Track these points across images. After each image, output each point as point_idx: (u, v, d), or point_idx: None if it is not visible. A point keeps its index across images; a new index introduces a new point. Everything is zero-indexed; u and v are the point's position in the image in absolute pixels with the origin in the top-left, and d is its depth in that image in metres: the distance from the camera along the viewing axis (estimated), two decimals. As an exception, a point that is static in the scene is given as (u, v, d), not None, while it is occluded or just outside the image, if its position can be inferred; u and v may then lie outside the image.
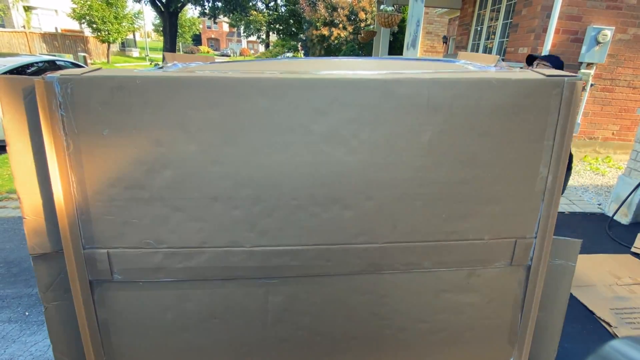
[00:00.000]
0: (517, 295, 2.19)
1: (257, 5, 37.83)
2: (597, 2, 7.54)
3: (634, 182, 5.35)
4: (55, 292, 1.87)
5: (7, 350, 2.83)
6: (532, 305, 2.18)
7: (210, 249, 1.87)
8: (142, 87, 1.60)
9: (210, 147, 1.71)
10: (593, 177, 7.43)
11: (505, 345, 2.31)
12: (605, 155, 8.61)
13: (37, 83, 1.54)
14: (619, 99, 8.24)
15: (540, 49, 7.71)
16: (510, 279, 2.15)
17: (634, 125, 8.32)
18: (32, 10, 33.46)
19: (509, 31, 8.94)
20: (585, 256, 4.41)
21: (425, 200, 1.90)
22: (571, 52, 7.79)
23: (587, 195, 6.48)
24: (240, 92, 1.65)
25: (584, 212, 5.78)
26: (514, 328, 2.26)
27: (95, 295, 1.89)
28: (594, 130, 8.44)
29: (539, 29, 7.65)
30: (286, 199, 1.83)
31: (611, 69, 8.00)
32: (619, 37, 7.77)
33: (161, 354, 2.05)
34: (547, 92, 1.80)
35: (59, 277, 1.85)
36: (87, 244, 1.79)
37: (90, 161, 1.67)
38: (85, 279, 1.83)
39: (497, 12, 9.77)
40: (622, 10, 7.60)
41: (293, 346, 2.12)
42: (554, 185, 1.94)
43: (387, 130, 1.77)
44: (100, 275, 1.85)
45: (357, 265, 1.99)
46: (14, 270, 3.88)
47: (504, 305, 2.21)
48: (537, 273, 2.11)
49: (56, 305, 1.90)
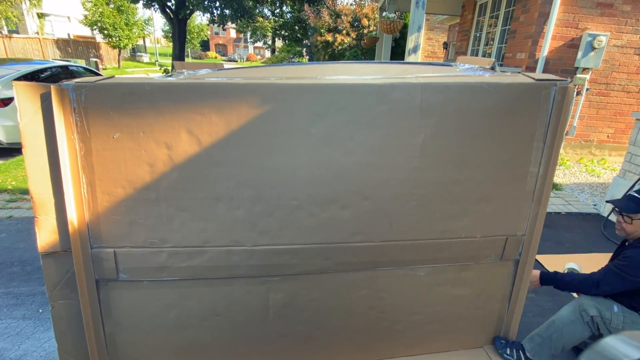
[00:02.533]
0: (505, 286, 2.24)
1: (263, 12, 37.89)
2: (592, 9, 7.53)
3: (629, 183, 5.34)
4: (62, 290, 1.89)
5: (21, 346, 2.85)
6: (519, 296, 2.23)
7: (212, 248, 1.89)
8: (151, 94, 1.63)
9: (213, 150, 1.73)
10: (589, 178, 7.41)
11: (493, 332, 2.36)
12: (601, 157, 8.58)
13: (54, 89, 1.58)
14: (613, 103, 8.22)
15: (538, 55, 7.71)
16: (500, 273, 2.19)
17: (628, 128, 8.29)
18: (46, 17, 33.55)
19: (507, 37, 8.92)
20: (582, 255, 4.42)
21: (420, 200, 1.93)
22: (567, 57, 7.77)
23: (583, 196, 6.46)
24: (242, 97, 1.68)
25: (580, 213, 5.76)
26: (502, 317, 2.31)
27: (101, 294, 1.92)
28: (589, 133, 8.42)
29: (537, 35, 7.64)
30: (286, 199, 1.85)
31: (606, 73, 7.98)
32: (613, 43, 7.76)
33: (165, 351, 2.07)
34: (537, 95, 1.82)
35: (67, 276, 1.87)
36: (94, 244, 1.82)
37: (100, 163, 1.70)
38: (91, 277, 1.86)
39: (495, 18, 9.75)
40: (617, 17, 7.59)
41: (294, 340, 2.15)
42: (543, 185, 1.97)
43: (383, 133, 1.80)
44: (106, 275, 1.88)
45: (354, 262, 2.01)
46: (28, 268, 3.90)
47: (493, 297, 2.26)
48: (525, 266, 2.16)
49: (63, 304, 1.91)
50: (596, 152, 8.60)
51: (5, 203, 5.54)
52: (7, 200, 5.61)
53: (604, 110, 8.27)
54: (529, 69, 7.78)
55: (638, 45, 7.83)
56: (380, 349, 2.27)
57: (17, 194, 5.87)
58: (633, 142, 5.42)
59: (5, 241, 4.49)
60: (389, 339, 2.24)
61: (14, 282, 3.65)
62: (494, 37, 9.77)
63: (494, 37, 9.77)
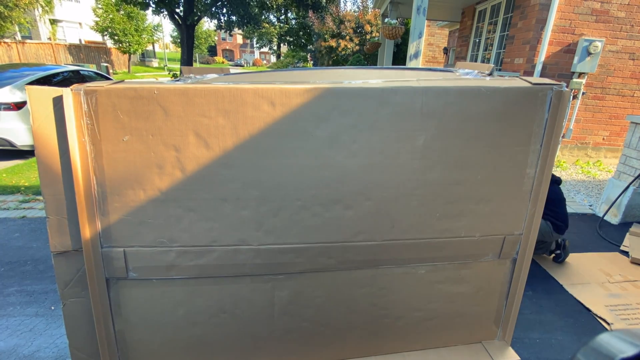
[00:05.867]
0: (503, 284, 2.24)
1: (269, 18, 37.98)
2: (588, 16, 7.53)
3: (623, 185, 5.34)
4: (73, 289, 1.89)
5: (34, 343, 2.87)
6: (517, 292, 2.23)
7: (220, 247, 1.89)
8: (160, 97, 1.63)
9: (220, 152, 1.74)
10: (585, 179, 7.40)
11: (491, 328, 2.36)
12: (596, 159, 8.57)
13: (66, 93, 1.58)
14: (609, 107, 8.22)
15: (536, 60, 7.71)
16: (497, 271, 2.19)
17: (623, 131, 8.28)
18: (58, 23, 33.63)
19: (505, 43, 8.92)
20: (578, 254, 4.42)
21: (420, 200, 1.93)
22: (564, 62, 7.78)
23: (579, 197, 6.45)
24: (248, 100, 1.68)
25: (576, 213, 5.75)
26: (500, 313, 2.31)
27: (111, 292, 1.92)
28: (585, 135, 8.41)
29: (534, 41, 7.64)
30: (291, 199, 1.85)
31: (602, 78, 7.98)
32: (609, 49, 7.75)
33: (173, 347, 2.07)
34: (534, 99, 1.82)
35: (78, 275, 1.87)
36: (105, 243, 1.82)
37: (110, 165, 1.70)
38: (102, 276, 1.86)
39: (494, 24, 9.75)
40: (612, 24, 7.59)
41: (298, 336, 2.15)
42: (539, 186, 1.97)
43: (384, 136, 1.80)
44: (116, 273, 1.88)
45: (357, 261, 2.02)
46: (41, 267, 3.91)
47: (491, 294, 2.26)
48: (522, 264, 2.16)
49: (74, 302, 1.92)
50: (592, 154, 8.60)
51: (19, 204, 5.56)
52: (20, 201, 5.64)
53: (600, 114, 8.29)
54: (526, 74, 7.78)
55: (632, 51, 7.83)
56: (383, 344, 2.27)
57: (30, 195, 5.90)
58: (628, 144, 5.41)
59: (18, 240, 4.51)
60: (391, 335, 2.25)
61: (27, 280, 3.67)
62: (492, 42, 9.77)
63: (492, 42, 9.77)
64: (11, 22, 22.39)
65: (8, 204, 5.54)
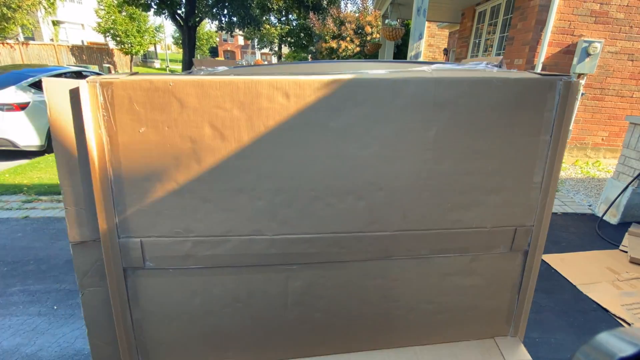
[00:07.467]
0: (515, 277, 2.23)
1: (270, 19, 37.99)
2: (587, 17, 7.56)
3: (622, 185, 5.35)
4: (91, 278, 1.90)
5: (36, 342, 2.87)
6: (529, 286, 2.22)
7: (235, 237, 1.90)
8: (175, 89, 1.64)
9: (235, 143, 1.74)
10: (584, 180, 7.42)
11: (503, 323, 2.35)
12: (595, 159, 8.59)
13: (82, 85, 1.59)
14: (608, 107, 8.25)
15: (535, 61, 7.73)
16: (509, 263, 2.19)
17: (622, 131, 8.31)
18: (60, 24, 33.62)
19: (505, 44, 8.94)
20: (580, 253, 4.43)
21: (432, 191, 1.94)
22: (564, 63, 7.80)
23: (578, 197, 6.47)
24: (263, 92, 1.69)
25: (576, 213, 5.77)
26: (512, 307, 2.31)
27: (129, 282, 1.93)
28: (584, 136, 8.44)
29: (534, 42, 7.66)
30: (305, 190, 1.86)
31: (601, 79, 8.01)
32: (608, 50, 7.78)
33: (189, 336, 2.08)
34: (543, 89, 1.84)
35: (96, 265, 1.88)
36: (122, 234, 1.83)
37: (127, 157, 1.71)
38: (119, 266, 1.87)
39: (494, 26, 9.77)
40: (611, 25, 7.62)
41: (310, 327, 2.16)
42: (550, 177, 1.98)
43: (397, 126, 1.81)
44: (134, 263, 1.88)
45: (369, 251, 2.02)
46: (43, 267, 3.92)
47: (503, 287, 2.25)
48: (534, 257, 2.15)
49: (92, 291, 1.93)
50: (591, 154, 8.62)
51: (22, 204, 5.58)
52: (23, 201, 5.66)
53: (599, 114, 8.31)
54: (526, 74, 7.78)
55: (631, 52, 7.86)
56: (395, 337, 2.28)
57: (33, 195, 5.90)
58: (627, 145, 5.44)
59: (21, 240, 4.53)
60: (403, 328, 2.25)
61: (29, 280, 3.69)
62: (492, 43, 9.79)
63: (492, 43, 9.79)
64: (14, 24, 22.42)
65: (11, 204, 5.55)
